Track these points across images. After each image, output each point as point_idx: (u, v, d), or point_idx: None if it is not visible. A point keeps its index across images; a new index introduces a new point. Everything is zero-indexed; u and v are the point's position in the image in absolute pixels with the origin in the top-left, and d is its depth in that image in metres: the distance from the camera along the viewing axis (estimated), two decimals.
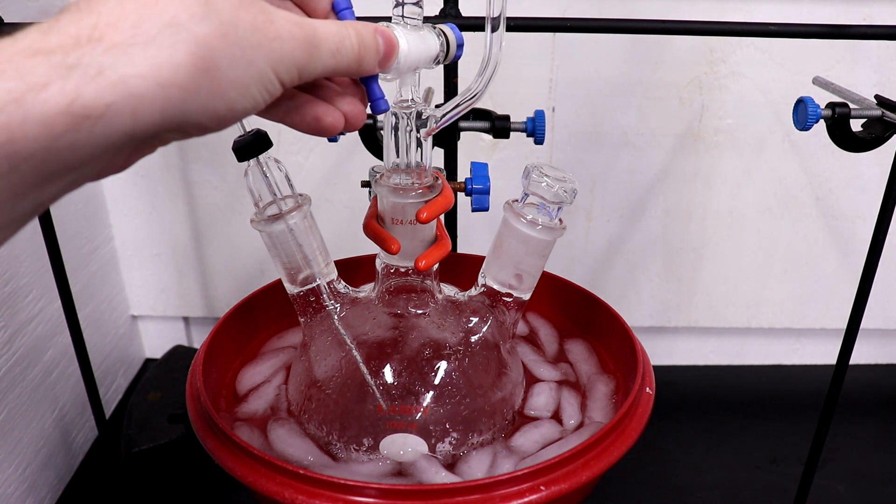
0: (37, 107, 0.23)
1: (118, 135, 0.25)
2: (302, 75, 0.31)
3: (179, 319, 1.11)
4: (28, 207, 0.25)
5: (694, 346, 1.12)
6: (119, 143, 0.25)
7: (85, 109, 0.24)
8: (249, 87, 0.28)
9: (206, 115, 0.27)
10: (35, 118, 0.23)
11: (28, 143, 0.23)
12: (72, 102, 0.23)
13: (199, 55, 0.26)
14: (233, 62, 0.27)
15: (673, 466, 0.90)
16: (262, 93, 0.29)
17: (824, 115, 0.61)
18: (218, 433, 0.43)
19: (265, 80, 0.29)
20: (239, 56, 0.27)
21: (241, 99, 0.28)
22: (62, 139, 0.24)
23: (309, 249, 0.46)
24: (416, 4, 0.40)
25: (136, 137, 0.26)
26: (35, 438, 0.80)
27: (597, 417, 0.51)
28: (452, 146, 0.70)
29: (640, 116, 0.93)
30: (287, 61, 0.30)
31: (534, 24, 0.62)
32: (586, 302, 0.59)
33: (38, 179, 0.24)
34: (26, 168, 0.23)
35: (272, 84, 0.30)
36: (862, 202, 0.98)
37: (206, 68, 0.26)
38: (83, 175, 0.26)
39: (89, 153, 0.25)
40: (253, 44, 0.28)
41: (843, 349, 0.65)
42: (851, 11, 0.87)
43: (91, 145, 0.25)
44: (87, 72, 0.24)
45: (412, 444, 0.46)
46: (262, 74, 0.29)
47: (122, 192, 0.98)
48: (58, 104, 0.23)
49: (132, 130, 0.25)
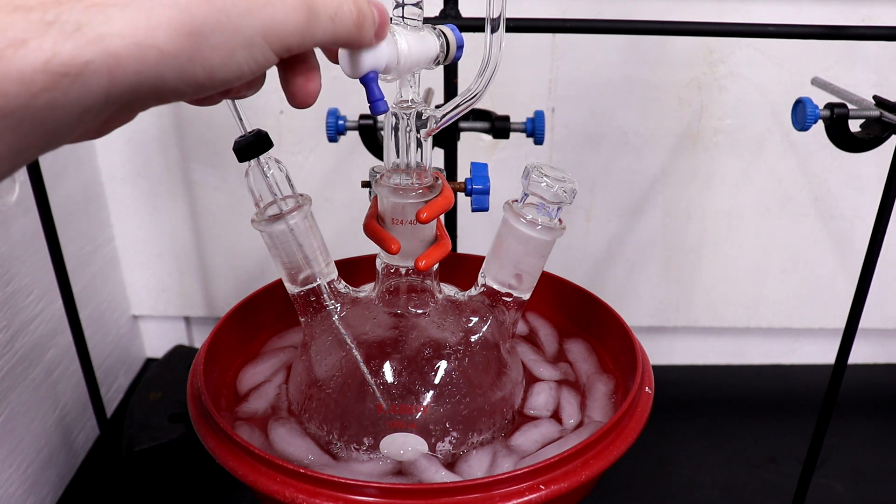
0: (14, 64, 0.23)
1: (95, 95, 0.25)
2: (302, 43, 0.30)
3: (180, 319, 1.11)
4: (5, 168, 0.25)
5: (693, 346, 1.12)
6: (96, 106, 0.25)
7: (63, 67, 0.23)
8: (234, 54, 0.28)
9: (184, 81, 0.27)
10: (12, 76, 0.23)
11: (6, 101, 0.23)
12: (49, 60, 0.23)
13: (179, 19, 0.26)
14: (216, 28, 0.27)
15: (672, 466, 0.90)
16: (248, 62, 0.28)
17: (823, 115, 0.61)
18: (219, 432, 0.43)
19: (253, 49, 0.28)
20: (224, 22, 0.27)
21: (223, 67, 0.28)
22: (40, 98, 0.23)
23: (309, 249, 0.47)
24: (417, 5, 0.41)
25: (112, 99, 0.26)
26: (36, 438, 0.80)
27: (596, 417, 0.51)
28: (452, 146, 0.70)
29: (639, 117, 0.93)
30: (280, 29, 0.29)
31: (533, 24, 0.63)
32: (586, 302, 0.59)
33: (16, 139, 0.24)
34: (3, 126, 0.23)
35: (262, 53, 0.29)
36: (860, 202, 0.98)
37: (186, 32, 0.26)
38: (59, 138, 0.26)
39: (66, 114, 0.25)
40: (241, 10, 0.27)
41: (841, 349, 0.65)
42: (850, 12, 0.87)
43: (68, 105, 0.24)
44: (64, 28, 0.24)
45: (412, 444, 0.46)
46: (249, 42, 0.28)
47: (124, 193, 0.98)
48: (35, 61, 0.23)
49: (108, 90, 0.25)
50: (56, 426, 0.84)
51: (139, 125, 0.91)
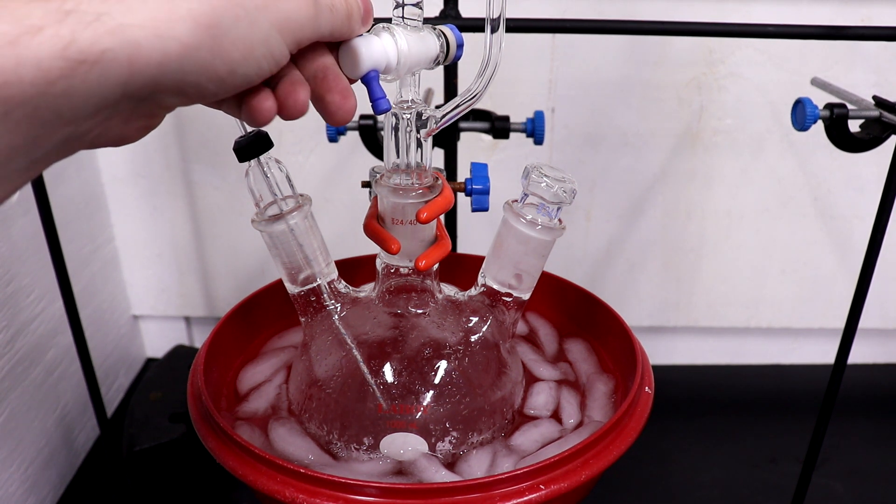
0: (31, 50, 0.23)
1: (113, 85, 0.25)
2: (311, 35, 0.31)
3: (181, 319, 1.11)
4: (22, 164, 0.25)
5: (693, 346, 1.12)
6: (114, 97, 0.25)
7: (80, 54, 0.24)
8: (254, 49, 0.28)
9: (206, 76, 0.27)
10: (30, 61, 0.23)
11: (23, 88, 0.23)
12: (67, 46, 0.23)
13: (199, 10, 0.26)
14: (236, 21, 0.27)
15: (672, 465, 0.90)
16: (267, 58, 0.29)
17: (822, 115, 0.61)
18: (219, 432, 0.43)
19: (270, 44, 0.29)
20: (242, 16, 0.27)
21: (244, 62, 0.28)
22: (57, 85, 0.23)
23: (309, 249, 0.47)
24: (416, 6, 0.41)
25: (131, 92, 0.25)
26: (37, 437, 0.80)
27: (596, 417, 0.51)
28: (452, 147, 0.70)
29: (639, 117, 0.93)
30: (293, 23, 0.29)
31: (533, 25, 0.63)
32: (586, 302, 0.59)
33: (33, 129, 0.24)
34: (20, 115, 0.23)
35: (279, 48, 0.29)
36: (860, 202, 0.98)
37: (207, 24, 0.26)
38: (78, 133, 0.26)
39: (84, 104, 0.25)
40: (257, 4, 0.28)
41: (840, 349, 0.65)
42: (850, 12, 0.88)
43: (86, 94, 0.24)
44: (83, 18, 0.24)
45: (412, 444, 0.46)
46: (266, 36, 0.28)
47: (124, 193, 0.99)
48: (53, 47, 0.23)
49: (127, 81, 0.25)
50: (57, 426, 0.85)
51: None
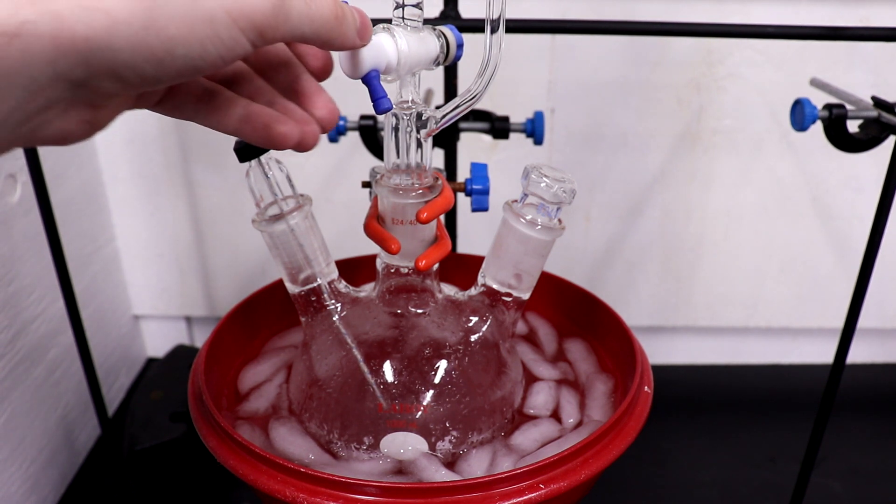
0: None
1: (40, 63, 0.23)
2: (276, 26, 0.27)
3: (181, 319, 1.11)
4: None
5: (692, 346, 1.12)
6: (45, 77, 0.24)
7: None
8: (195, 28, 0.25)
9: (141, 55, 0.24)
10: None
11: None
12: None
13: None
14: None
15: (671, 465, 0.90)
16: (213, 40, 0.25)
17: (821, 116, 0.62)
18: (220, 431, 0.44)
19: (217, 26, 0.25)
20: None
21: (184, 42, 0.25)
22: None
23: (310, 249, 0.47)
24: (416, 6, 0.41)
25: (62, 72, 0.24)
26: (38, 437, 0.80)
27: (595, 416, 0.51)
28: (452, 147, 0.70)
29: (638, 117, 0.94)
30: (248, 7, 0.26)
31: (533, 25, 0.63)
32: (585, 301, 0.60)
33: None
34: None
35: (228, 32, 0.26)
36: (859, 203, 0.98)
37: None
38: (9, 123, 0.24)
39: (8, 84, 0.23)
40: None
41: (839, 348, 0.65)
42: (849, 13, 0.88)
43: (8, 71, 0.23)
44: None
45: (412, 443, 0.46)
46: (210, 16, 0.25)
47: (125, 193, 0.99)
48: None
49: (55, 59, 0.23)
50: (58, 425, 0.85)
51: (140, 125, 0.91)
